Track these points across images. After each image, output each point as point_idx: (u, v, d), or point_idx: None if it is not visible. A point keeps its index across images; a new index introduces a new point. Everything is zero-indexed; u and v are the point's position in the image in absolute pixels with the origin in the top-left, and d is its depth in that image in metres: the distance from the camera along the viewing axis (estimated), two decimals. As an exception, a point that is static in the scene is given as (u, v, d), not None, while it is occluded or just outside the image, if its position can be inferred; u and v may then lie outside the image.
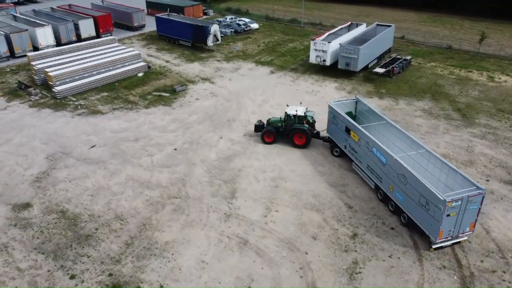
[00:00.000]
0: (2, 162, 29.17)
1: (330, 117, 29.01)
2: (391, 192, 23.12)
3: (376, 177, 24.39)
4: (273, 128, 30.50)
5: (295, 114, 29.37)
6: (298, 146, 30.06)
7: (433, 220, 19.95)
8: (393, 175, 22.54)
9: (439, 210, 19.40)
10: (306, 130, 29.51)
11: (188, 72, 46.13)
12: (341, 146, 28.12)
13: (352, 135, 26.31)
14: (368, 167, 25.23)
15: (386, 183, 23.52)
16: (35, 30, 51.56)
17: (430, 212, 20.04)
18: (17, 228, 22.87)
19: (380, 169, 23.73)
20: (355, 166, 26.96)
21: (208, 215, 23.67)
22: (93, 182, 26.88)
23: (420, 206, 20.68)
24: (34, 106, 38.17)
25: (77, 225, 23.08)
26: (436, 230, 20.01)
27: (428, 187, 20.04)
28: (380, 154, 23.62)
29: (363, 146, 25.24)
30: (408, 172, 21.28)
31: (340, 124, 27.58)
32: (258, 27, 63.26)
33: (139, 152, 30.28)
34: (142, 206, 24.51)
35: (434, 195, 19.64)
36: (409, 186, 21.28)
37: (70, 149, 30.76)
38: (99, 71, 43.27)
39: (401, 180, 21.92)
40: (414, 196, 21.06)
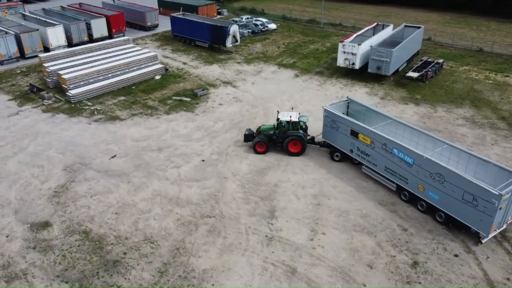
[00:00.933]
0: (17, 174, 26.90)
1: (327, 121, 27.53)
2: (422, 193, 22.43)
3: (400, 178, 23.51)
4: (265, 137, 28.46)
5: (289, 120, 27.45)
6: (293, 154, 28.20)
7: (484, 215, 19.54)
8: (424, 174, 21.87)
9: (493, 205, 18.99)
10: (302, 137, 27.82)
11: (207, 75, 43.79)
12: (345, 151, 26.81)
13: (362, 138, 25.15)
14: (386, 169, 24.21)
15: (413, 184, 22.74)
16: (46, 30, 49.34)
17: (479, 207, 19.61)
18: (36, 252, 20.58)
19: (405, 170, 22.97)
20: (367, 170, 25.82)
21: (247, 237, 21.32)
22: (116, 197, 24.56)
23: (465, 203, 20.21)
24: (48, 110, 35.91)
25: (103, 248, 20.75)
26: (488, 225, 19.63)
27: (476, 183, 19.56)
28: (404, 155, 22.79)
29: (379, 148, 24.19)
30: (447, 170, 20.75)
31: (343, 128, 26.31)
32: (276, 28, 60.86)
33: (164, 163, 27.95)
34: (173, 226, 22.18)
35: (484, 190, 19.20)
36: (448, 184, 20.79)
37: (89, 160, 28.46)
38: (115, 74, 41.00)
39: (436, 179, 21.37)
40: (455, 194, 20.57)
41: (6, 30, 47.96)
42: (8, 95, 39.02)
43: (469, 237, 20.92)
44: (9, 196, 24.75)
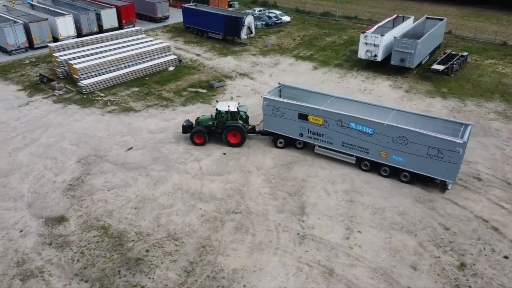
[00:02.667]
0: (29, 166, 25.52)
1: (267, 110, 26.55)
2: (385, 158, 23.59)
3: (359, 150, 24.30)
4: (204, 128, 27.29)
5: (227, 110, 26.45)
6: (233, 145, 27.17)
7: (450, 164, 21.52)
8: (386, 140, 22.99)
9: (457, 153, 21.11)
10: (241, 127, 26.75)
11: (223, 66, 42.27)
12: (293, 136, 26.35)
13: (313, 120, 25.01)
14: (344, 145, 24.77)
15: (375, 152, 23.73)
16: (55, 20, 47.86)
17: (445, 158, 21.51)
18: (52, 248, 19.19)
19: (365, 141, 23.75)
20: (320, 150, 25.88)
21: (278, 235, 19.86)
22: (135, 191, 23.14)
23: (430, 158, 21.92)
24: (59, 101, 34.50)
25: (123, 245, 19.35)
26: (454, 172, 21.87)
27: (441, 137, 21.33)
28: (362, 126, 23.50)
29: (334, 126, 24.46)
30: (410, 132, 22.13)
31: (289, 113, 25.71)
32: (290, 20, 59.22)
33: (183, 156, 26.51)
34: (198, 222, 20.74)
35: (449, 142, 21.14)
36: (412, 144, 22.24)
37: (104, 152, 27.05)
38: (127, 65, 39.53)
39: (398, 143, 22.62)
40: (420, 152, 22.14)
41: (14, 20, 46.55)
42: (18, 86, 37.63)
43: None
44: (21, 189, 23.39)
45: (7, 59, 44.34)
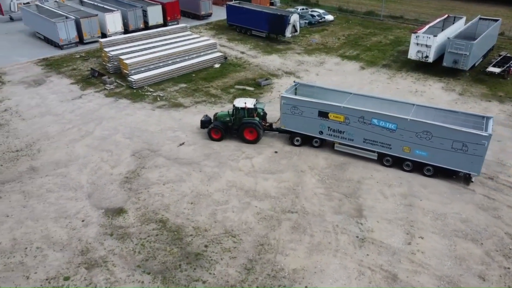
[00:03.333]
0: (86, 157, 26.20)
1: (286, 108, 26.37)
2: (408, 153, 23.66)
3: (382, 146, 24.29)
4: (221, 124, 27.41)
5: (243, 107, 26.43)
6: (249, 141, 27.21)
7: (475, 157, 21.82)
8: (410, 135, 23.06)
9: (482, 145, 21.41)
10: (257, 124, 26.72)
11: (268, 64, 42.15)
12: (313, 134, 26.24)
13: (334, 117, 24.95)
14: (365, 141, 24.71)
15: (398, 147, 23.78)
16: (104, 16, 49.07)
17: (470, 151, 21.78)
18: (114, 239, 19.59)
19: (387, 136, 23.81)
20: (340, 147, 25.84)
21: (336, 237, 19.55)
22: (190, 186, 23.34)
23: (455, 151, 22.15)
24: (110, 95, 35.31)
25: (182, 239, 19.53)
26: (479, 165, 22.05)
27: (466, 131, 21.64)
28: (385, 122, 23.52)
29: (355, 123, 24.44)
30: (434, 126, 22.29)
31: (308, 112, 25.64)
32: (333, 19, 58.45)
33: (235, 153, 26.55)
34: (254, 220, 20.69)
35: (474, 135, 21.44)
36: (436, 139, 22.40)
37: (157, 146, 27.45)
38: (174, 61, 40.02)
39: (422, 137, 22.72)
40: (444, 145, 22.34)
41: (66, 15, 48.04)
42: (70, 79, 38.78)
43: None
44: (80, 180, 24.03)
45: (59, 53, 45.81)
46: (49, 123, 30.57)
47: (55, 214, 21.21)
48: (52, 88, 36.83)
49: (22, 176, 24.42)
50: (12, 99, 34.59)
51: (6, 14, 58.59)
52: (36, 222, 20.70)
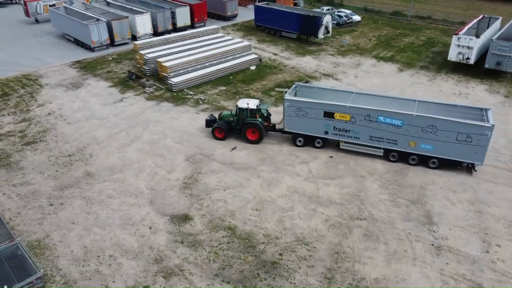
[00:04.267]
0: (140, 162, 26.06)
1: (290, 111, 26.58)
2: (413, 148, 24.44)
3: (388, 142, 24.92)
4: (224, 123, 28.04)
5: (246, 107, 26.92)
6: (252, 141, 27.62)
7: (478, 147, 22.91)
8: (416, 131, 23.82)
9: (486, 136, 22.54)
10: (259, 125, 27.05)
11: (304, 66, 41.87)
12: (318, 134, 26.58)
13: (339, 116, 25.37)
14: (371, 138, 25.25)
15: (404, 143, 24.47)
16: (135, 18, 48.93)
17: (473, 142, 22.86)
18: (185, 247, 19.42)
19: (393, 132, 24.44)
20: (346, 145, 26.30)
21: (411, 245, 19.28)
22: (251, 192, 23.13)
23: (459, 143, 23.18)
24: (151, 98, 35.15)
25: (255, 247, 19.33)
26: (482, 155, 23.16)
27: (470, 123, 22.69)
28: (391, 119, 24.13)
29: (361, 121, 24.95)
30: (439, 120, 23.15)
31: (313, 113, 25.98)
32: (360, 20, 58.04)
33: (289, 158, 26.33)
34: (324, 227, 20.45)
35: (478, 126, 22.54)
36: (442, 132, 23.31)
37: (209, 151, 27.26)
38: (211, 63, 39.81)
39: (428, 131, 23.56)
40: (449, 138, 23.28)
41: (97, 17, 47.93)
42: (108, 82, 38.66)
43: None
44: (139, 185, 23.89)
45: (91, 55, 45.70)
46: (95, 127, 30.44)
47: (120, 221, 21.07)
48: (91, 91, 36.72)
49: (79, 181, 24.30)
50: (54, 102, 34.51)
51: (32, 16, 58.58)
52: (104, 229, 20.57)
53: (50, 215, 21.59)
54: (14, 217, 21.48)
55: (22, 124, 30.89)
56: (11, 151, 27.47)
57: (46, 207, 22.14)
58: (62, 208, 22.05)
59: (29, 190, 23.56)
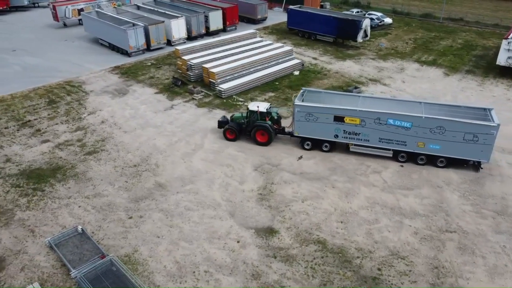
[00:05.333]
0: (209, 172, 25.78)
1: (300, 116, 27.15)
2: (422, 148, 25.34)
3: (397, 144, 25.74)
4: (236, 125, 28.84)
5: (256, 110, 27.68)
6: (261, 143, 28.42)
7: (484, 146, 23.93)
8: (424, 132, 24.77)
9: (491, 135, 23.58)
10: (268, 127, 27.75)
11: (347, 71, 41.57)
12: (328, 138, 27.20)
13: (349, 120, 26.05)
14: (381, 140, 26.00)
15: (413, 144, 25.37)
16: (170, 22, 48.64)
17: (480, 141, 23.87)
18: (279, 262, 19.14)
19: (402, 134, 25.28)
20: (356, 148, 26.92)
21: (510, 259, 19.00)
22: (330, 204, 22.86)
23: (467, 142, 24.15)
24: (202, 105, 34.86)
25: (350, 262, 19.06)
26: (488, 153, 24.21)
27: (477, 123, 23.71)
28: (400, 121, 24.95)
29: (371, 124, 25.62)
30: (447, 121, 24.10)
31: (323, 118, 26.57)
32: (392, 22, 57.70)
33: (359, 167, 26.06)
34: (415, 240, 20.18)
35: (484, 126, 23.60)
36: (449, 132, 24.27)
37: (275, 160, 27.00)
38: (256, 69, 39.52)
39: (436, 132, 24.49)
40: (456, 138, 24.25)
41: (133, 22, 47.62)
42: (152, 88, 38.37)
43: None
44: (214, 197, 23.61)
45: (128, 60, 45.43)
46: (153, 135, 30.17)
47: (206, 235, 20.80)
48: (138, 98, 36.43)
49: (152, 193, 24.03)
50: (104, 110, 34.24)
51: (61, 20, 58.33)
52: (191, 243, 20.30)
53: (132, 228, 21.33)
54: (96, 230, 21.23)
55: (78, 133, 30.63)
56: (75, 161, 27.22)
57: (126, 220, 21.89)
58: (143, 221, 21.79)
59: (104, 202, 23.30)
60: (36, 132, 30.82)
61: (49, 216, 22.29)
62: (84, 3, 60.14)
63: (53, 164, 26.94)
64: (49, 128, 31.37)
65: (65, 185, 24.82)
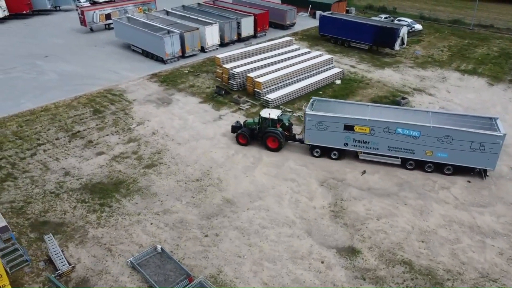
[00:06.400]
0: (275, 188, 25.53)
1: (310, 125, 27.79)
2: (430, 156, 26.09)
3: (405, 152, 26.47)
4: (248, 130, 29.78)
5: (267, 117, 28.61)
6: (272, 149, 29.27)
7: (491, 154, 24.80)
8: (432, 141, 25.52)
9: (498, 144, 24.45)
10: (278, 134, 28.59)
11: (389, 80, 41.34)
12: (338, 146, 27.85)
13: (359, 129, 26.71)
14: (390, 149, 26.71)
15: (421, 152, 26.11)
16: (204, 29, 48.34)
17: (486, 150, 24.69)
18: (369, 284, 18.92)
19: (411, 143, 26.05)
20: (365, 156, 27.53)
21: None
22: (407, 222, 22.63)
23: (473, 151, 24.96)
24: (250, 116, 34.56)
25: (442, 284, 18.85)
26: (494, 161, 25.05)
27: (484, 133, 24.46)
28: (409, 130, 25.75)
29: (380, 133, 26.36)
30: (455, 131, 24.92)
31: (333, 126, 27.29)
32: (422, 29, 57.44)
33: (426, 183, 25.86)
34: (502, 262, 19.98)
35: (490, 136, 24.37)
36: (456, 141, 25.06)
37: (338, 174, 26.77)
38: (299, 78, 39.24)
39: (444, 141, 25.28)
40: (463, 147, 25.07)
41: (168, 29, 47.26)
42: (196, 97, 38.08)
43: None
44: (287, 214, 23.36)
45: (165, 68, 45.13)
46: (208, 147, 29.90)
47: (288, 254, 20.56)
48: (183, 107, 36.14)
49: (222, 210, 23.77)
50: (152, 120, 33.95)
51: (89, 25, 57.98)
52: (275, 263, 20.05)
53: (211, 247, 21.07)
54: (175, 249, 20.97)
55: (131, 145, 30.35)
56: (135, 175, 26.95)
57: (203, 239, 21.63)
58: (220, 240, 21.53)
59: (175, 219, 23.04)
60: (88, 144, 30.55)
61: (123, 233, 22.03)
62: (111, 8, 59.85)
63: (113, 178, 26.66)
64: (100, 140, 31.08)
65: (131, 201, 24.56)
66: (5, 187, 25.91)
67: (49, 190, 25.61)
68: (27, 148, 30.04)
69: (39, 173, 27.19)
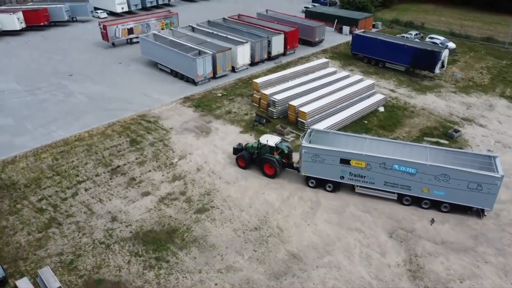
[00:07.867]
0: (341, 240, 23.80)
1: (307, 157, 27.51)
2: (426, 194, 25.58)
3: (402, 188, 26.01)
4: (247, 154, 30.05)
5: (265, 144, 28.83)
6: (268, 176, 29.27)
7: (489, 195, 24.15)
8: (429, 178, 24.98)
9: (495, 185, 23.79)
10: (274, 161, 28.61)
11: (434, 107, 39.65)
12: (334, 179, 27.48)
13: (355, 163, 26.34)
14: (386, 184, 26.30)
15: (417, 189, 25.61)
16: (236, 49, 46.57)
17: (484, 190, 24.09)
18: None
19: (407, 179, 25.54)
20: (361, 189, 27.22)
21: None
22: (492, 284, 20.95)
23: (470, 190, 24.37)
24: (296, 149, 32.68)
25: None
26: (492, 201, 24.39)
27: (481, 173, 23.87)
28: (406, 167, 25.27)
29: (376, 168, 25.94)
30: (452, 170, 24.36)
31: (329, 159, 26.92)
32: (455, 47, 55.71)
33: (501, 234, 24.19)
34: None
35: (488, 177, 23.79)
36: (453, 180, 24.47)
37: (406, 224, 25.09)
38: (341, 106, 37.52)
39: (440, 179, 24.70)
40: (460, 186, 24.46)
41: (200, 49, 45.39)
42: (235, 126, 36.32)
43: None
44: (361, 274, 21.65)
45: (196, 90, 43.39)
46: (260, 188, 28.21)
47: (372, 326, 18.87)
48: (224, 138, 34.39)
49: (290, 267, 22.05)
50: (194, 153, 32.22)
51: (111, 40, 56.20)
52: (361, 338, 18.36)
53: (286, 316, 19.37)
54: (248, 318, 19.26)
55: (177, 184, 28.62)
56: (187, 221, 25.23)
57: (276, 305, 19.92)
58: (295, 307, 19.82)
59: (241, 279, 21.34)
60: (131, 182, 28.81)
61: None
62: (134, 22, 58.09)
63: (165, 225, 24.94)
64: (144, 177, 29.34)
65: (189, 254, 22.84)
66: (50, 235, 24.21)
67: (98, 239, 23.88)
68: (67, 186, 28.30)
69: (84, 218, 25.47)
